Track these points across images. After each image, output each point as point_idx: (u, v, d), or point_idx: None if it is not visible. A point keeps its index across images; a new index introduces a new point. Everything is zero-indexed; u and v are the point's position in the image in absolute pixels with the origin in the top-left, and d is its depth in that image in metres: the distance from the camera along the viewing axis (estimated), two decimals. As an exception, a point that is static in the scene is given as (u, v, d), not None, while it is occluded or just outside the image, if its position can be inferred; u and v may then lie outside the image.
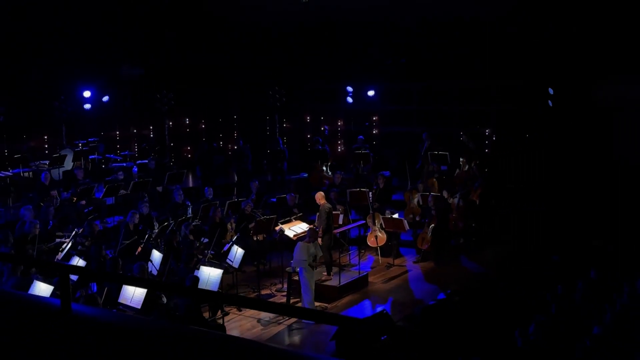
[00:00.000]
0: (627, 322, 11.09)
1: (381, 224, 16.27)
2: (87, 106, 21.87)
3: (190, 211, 16.32)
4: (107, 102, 22.48)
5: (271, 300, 14.04)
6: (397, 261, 16.40)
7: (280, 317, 13.14)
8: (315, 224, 14.89)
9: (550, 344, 10.89)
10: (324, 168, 20.31)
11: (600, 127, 18.51)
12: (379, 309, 13.57)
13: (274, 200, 17.65)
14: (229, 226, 15.62)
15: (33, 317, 4.53)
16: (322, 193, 15.50)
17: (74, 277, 10.64)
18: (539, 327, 11.14)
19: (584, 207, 17.39)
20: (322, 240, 14.26)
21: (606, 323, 11.05)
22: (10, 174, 19.16)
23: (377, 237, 16.23)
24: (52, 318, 4.33)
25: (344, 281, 14.56)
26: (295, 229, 15.27)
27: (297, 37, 23.85)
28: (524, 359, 10.70)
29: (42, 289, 11.07)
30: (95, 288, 11.84)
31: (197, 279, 12.23)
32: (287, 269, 14.43)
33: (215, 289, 12.55)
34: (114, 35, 23.22)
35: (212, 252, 14.05)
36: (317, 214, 15.05)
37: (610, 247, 14.53)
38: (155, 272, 13.10)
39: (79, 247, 13.61)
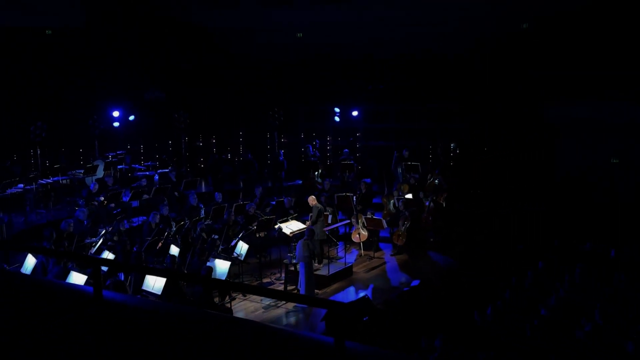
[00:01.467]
0: (568, 305, 11.17)
1: (363, 223, 16.26)
2: (116, 124, 21.80)
3: (203, 212, 16.30)
4: (133, 120, 22.46)
5: (271, 287, 13.99)
6: (377, 254, 16.38)
7: (279, 302, 13.16)
8: (309, 222, 14.94)
9: (505, 324, 10.96)
10: (316, 175, 20.35)
11: (547, 138, 18.73)
12: (361, 294, 13.54)
13: (274, 203, 17.61)
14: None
15: (70, 303, 4.53)
16: (313, 196, 15.55)
17: (104, 268, 10.64)
18: (495, 310, 11.21)
19: (534, 206, 17.56)
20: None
21: (551, 306, 11.12)
22: (51, 181, 19.13)
23: (360, 234, 16.21)
24: (86, 303, 4.34)
25: (332, 271, 14.53)
26: (291, 227, 15.26)
27: (293, 65, 23.89)
28: (482, 336, 10.78)
29: (77, 278, 11.07)
30: (122, 277, 11.84)
31: (211, 269, 12.25)
32: (285, 260, 14.45)
33: (224, 278, 12.59)
34: (140, 63, 23.28)
35: (222, 246, 14.07)
36: (310, 213, 15.10)
37: (556, 241, 14.61)
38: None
39: (109, 243, 13.61)
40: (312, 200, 15.28)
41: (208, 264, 12.70)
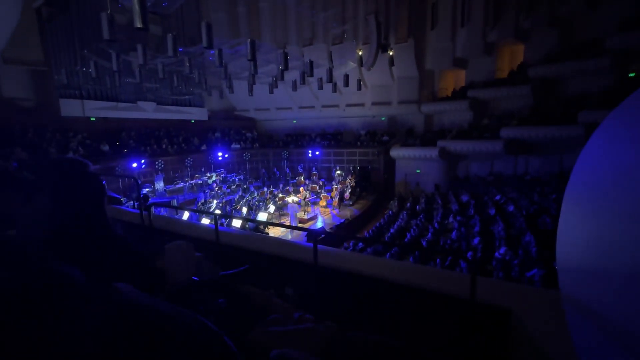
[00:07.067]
0: (402, 228, 11.10)
1: (322, 198, 16.18)
2: (220, 158, 21.36)
3: (256, 193, 16.04)
4: (228, 157, 22.01)
5: (283, 223, 13.86)
6: (327, 209, 16.26)
7: (287, 230, 12.98)
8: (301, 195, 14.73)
9: (378, 234, 10.89)
10: (302, 178, 20.18)
11: (392, 162, 18.68)
12: (322, 225, 13.51)
13: (285, 189, 17.45)
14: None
15: (205, 233, 4.40)
16: (302, 187, 15.36)
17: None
18: (375, 229, 11.17)
19: (387, 190, 17.53)
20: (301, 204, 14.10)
21: (395, 227, 11.05)
22: (193, 182, 18.63)
23: (320, 201, 16.16)
24: (212, 232, 4.24)
25: (308, 216, 14.37)
26: (292, 199, 15.05)
27: (291, 134, 23.70)
28: (370, 239, 10.70)
29: (205, 221, 10.78)
30: (223, 221, 11.55)
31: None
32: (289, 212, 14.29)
33: (264, 220, 12.42)
34: (229, 133, 22.84)
35: (263, 207, 13.79)
36: (298, 194, 14.88)
37: (394, 204, 14.50)
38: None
39: (219, 206, 13.29)
40: (302, 189, 15.10)
41: (258, 215, 12.47)
